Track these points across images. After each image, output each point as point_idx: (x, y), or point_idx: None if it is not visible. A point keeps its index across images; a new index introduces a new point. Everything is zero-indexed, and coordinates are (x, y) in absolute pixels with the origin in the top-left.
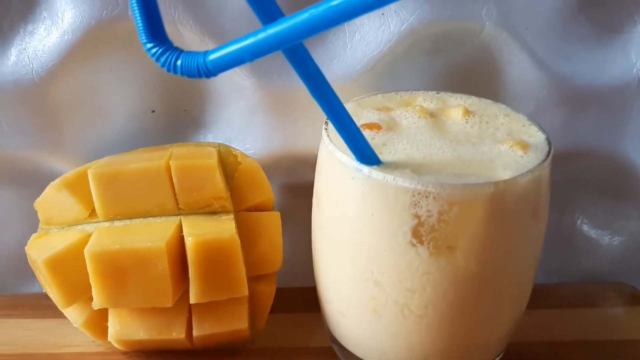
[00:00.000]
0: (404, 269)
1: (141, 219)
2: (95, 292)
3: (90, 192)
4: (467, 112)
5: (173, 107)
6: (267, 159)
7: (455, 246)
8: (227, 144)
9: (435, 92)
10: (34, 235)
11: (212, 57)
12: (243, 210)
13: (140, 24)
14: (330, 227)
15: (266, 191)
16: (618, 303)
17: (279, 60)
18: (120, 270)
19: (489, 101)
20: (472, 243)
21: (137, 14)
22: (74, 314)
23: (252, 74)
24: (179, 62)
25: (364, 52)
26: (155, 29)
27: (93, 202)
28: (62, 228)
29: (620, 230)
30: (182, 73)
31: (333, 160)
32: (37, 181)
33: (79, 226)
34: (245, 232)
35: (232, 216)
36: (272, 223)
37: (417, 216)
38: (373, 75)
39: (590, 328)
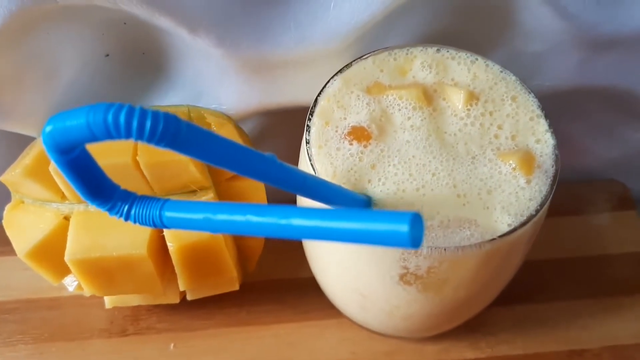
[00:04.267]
0: (391, 296)
1: None
2: (84, 285)
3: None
4: (470, 98)
5: (129, 50)
6: (243, 115)
7: (444, 285)
8: (197, 99)
9: (435, 49)
10: (8, 206)
11: (169, 214)
12: (224, 181)
13: (77, 188)
14: (324, 246)
15: None
16: (606, 208)
17: (247, 29)
18: (106, 272)
19: (496, 69)
20: (462, 282)
21: (71, 181)
22: (67, 280)
23: (219, 45)
24: (132, 212)
25: (352, 12)
26: (96, 185)
27: (61, 189)
28: (35, 201)
29: (618, 136)
30: (134, 222)
31: None
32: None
33: (54, 205)
34: (230, 201)
35: (212, 195)
36: (256, 191)
37: (405, 267)
38: (363, 34)
39: (574, 242)
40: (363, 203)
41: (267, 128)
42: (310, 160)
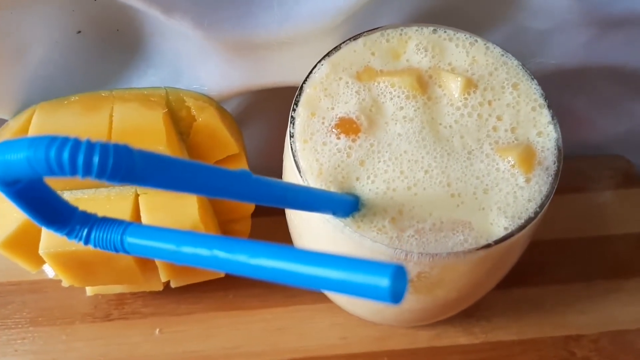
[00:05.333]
0: None
1: (93, 190)
2: (61, 277)
3: None
4: (468, 85)
5: (102, 27)
6: (226, 96)
7: (436, 288)
8: (177, 79)
9: (432, 29)
10: None
11: (132, 240)
12: None
13: (29, 216)
14: (303, 232)
15: (230, 148)
16: (609, 185)
17: (226, 9)
18: (83, 264)
19: (497, 51)
20: (454, 284)
21: (22, 209)
22: (46, 267)
23: (196, 27)
24: (92, 236)
25: None
26: (50, 211)
27: None
28: None
29: (625, 111)
30: (95, 246)
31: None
32: None
33: None
34: None
35: None
36: None
37: None
38: (353, 13)
39: (574, 221)
40: (350, 205)
41: (253, 106)
42: (294, 157)
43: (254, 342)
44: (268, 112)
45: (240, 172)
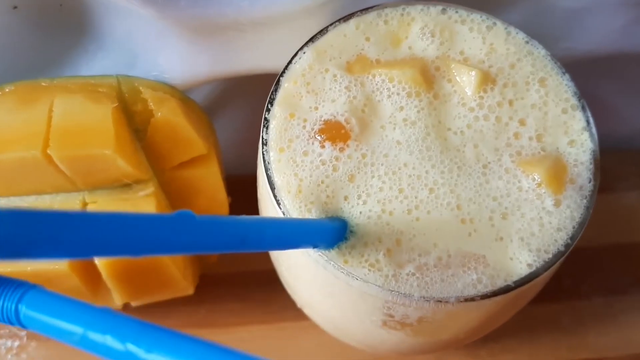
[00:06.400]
0: (373, 335)
1: (34, 197)
2: None
3: None
4: (484, 80)
5: (42, 2)
6: (191, 84)
7: (439, 332)
8: (133, 64)
9: (440, 8)
10: None
11: (29, 312)
12: (168, 170)
13: None
14: (280, 257)
15: (197, 148)
16: (637, 185)
17: None
18: None
19: (520, 38)
20: (462, 328)
21: None
22: None
23: (145, 4)
24: None
25: None
26: None
27: None
28: None
29: None
30: None
31: (277, 208)
32: None
33: None
34: (178, 192)
35: (152, 189)
36: (210, 179)
37: (390, 315)
38: None
39: (596, 226)
40: (335, 233)
41: (226, 95)
42: (266, 171)
43: None
44: (245, 100)
45: (177, 215)
